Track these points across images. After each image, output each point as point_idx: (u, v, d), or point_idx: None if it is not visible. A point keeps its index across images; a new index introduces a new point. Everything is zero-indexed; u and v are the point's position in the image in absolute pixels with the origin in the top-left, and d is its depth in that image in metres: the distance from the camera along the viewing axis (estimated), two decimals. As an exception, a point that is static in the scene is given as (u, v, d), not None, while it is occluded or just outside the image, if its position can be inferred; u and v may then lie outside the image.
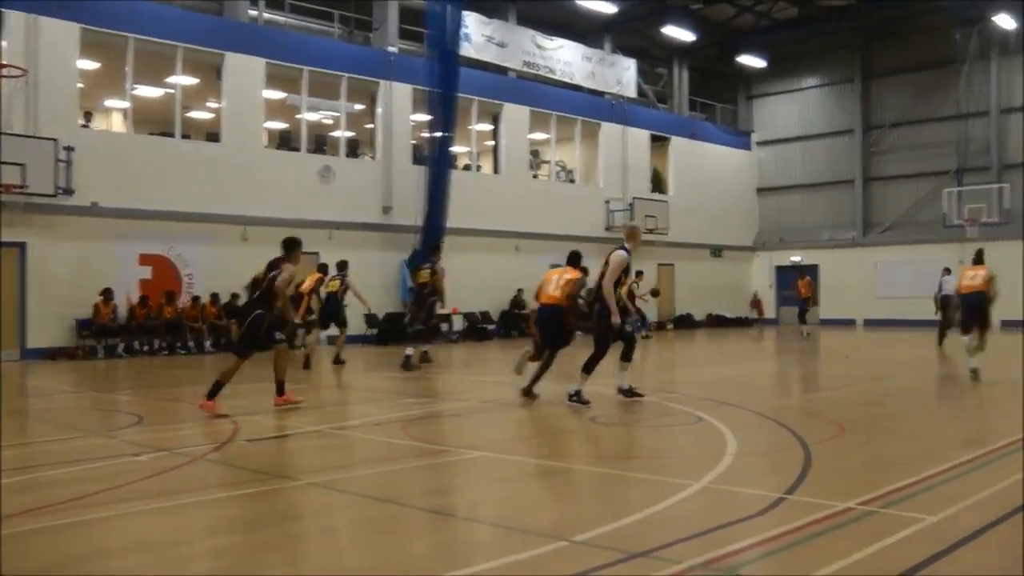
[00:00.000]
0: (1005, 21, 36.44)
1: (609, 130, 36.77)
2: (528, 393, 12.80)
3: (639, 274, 30.44)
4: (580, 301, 13.06)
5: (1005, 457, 8.45)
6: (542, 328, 12.79)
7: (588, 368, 12.23)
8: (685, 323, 38.98)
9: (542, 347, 12.83)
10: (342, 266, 19.90)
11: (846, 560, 5.21)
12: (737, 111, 45.17)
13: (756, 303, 42.79)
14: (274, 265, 12.10)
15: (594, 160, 36.66)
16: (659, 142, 39.59)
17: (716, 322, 40.07)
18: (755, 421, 10.97)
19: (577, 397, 12.09)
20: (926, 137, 40.01)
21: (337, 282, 19.38)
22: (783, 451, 8.82)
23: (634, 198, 36.28)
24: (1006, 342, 25.13)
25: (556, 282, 12.76)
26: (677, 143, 40.19)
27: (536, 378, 12.78)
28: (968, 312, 16.37)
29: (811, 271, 40.91)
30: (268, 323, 11.89)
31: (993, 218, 35.85)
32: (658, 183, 39.86)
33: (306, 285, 19.23)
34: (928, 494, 6.96)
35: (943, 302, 25.75)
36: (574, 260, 13.32)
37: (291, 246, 12.37)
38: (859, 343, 28.18)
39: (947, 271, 27.52)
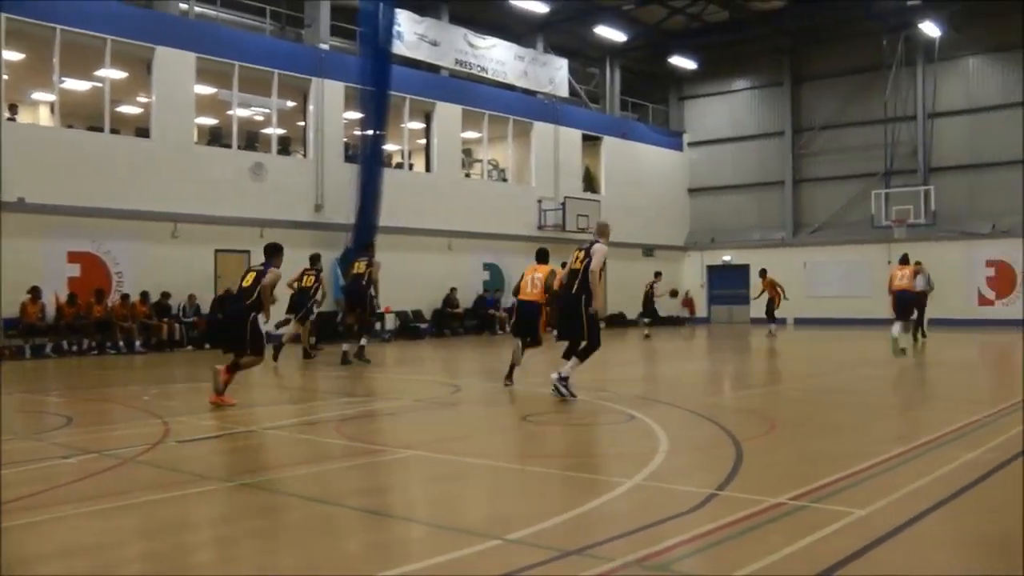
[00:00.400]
0: (930, 28, 36.97)
1: (541, 129, 36.70)
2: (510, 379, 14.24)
3: (658, 275, 31.67)
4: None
5: (933, 451, 8.56)
6: (521, 320, 14.29)
7: (583, 356, 12.60)
8: (617, 321, 38.89)
9: (531, 339, 14.15)
10: (315, 259, 20.20)
11: (777, 554, 5.24)
12: (669, 112, 45.31)
13: (688, 302, 42.76)
14: (261, 272, 12.54)
15: (526, 159, 36.56)
16: (591, 142, 39.58)
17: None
18: (687, 419, 10.97)
19: (565, 385, 12.38)
20: (855, 140, 40.50)
21: (312, 277, 19.71)
22: (715, 448, 8.81)
23: (566, 197, 36.18)
24: (939, 340, 25.64)
25: (532, 280, 14.19)
26: (609, 143, 40.23)
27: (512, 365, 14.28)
28: (899, 307, 20.08)
29: (742, 271, 41.36)
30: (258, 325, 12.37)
31: (920, 219, 36.43)
32: (590, 183, 39.82)
33: (306, 282, 19.73)
34: (857, 488, 7.01)
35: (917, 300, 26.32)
36: (543, 257, 14.89)
37: (274, 251, 12.89)
38: (792, 342, 28.44)
39: (916, 264, 27.67)
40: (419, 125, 33.59)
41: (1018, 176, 36.51)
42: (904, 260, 21.83)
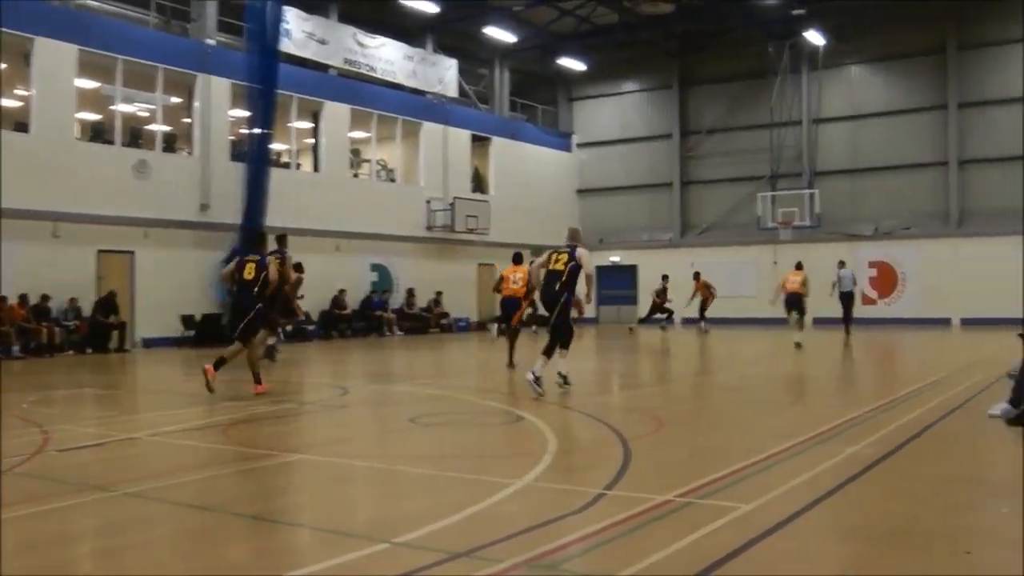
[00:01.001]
0: (815, 37, 37.74)
1: (430, 129, 36.56)
2: (511, 364, 16.92)
3: (665, 278, 32.04)
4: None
5: (816, 446, 8.72)
6: (505, 311, 17.35)
7: (564, 345, 13.48)
8: (505, 322, 38.41)
9: (507, 326, 16.98)
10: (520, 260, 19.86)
11: (664, 551, 5.30)
12: (558, 113, 45.29)
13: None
14: (261, 263, 13.27)
15: (415, 159, 36.40)
16: (480, 142, 39.44)
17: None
18: (575, 419, 11.03)
19: (539, 382, 12.90)
20: (742, 143, 40.96)
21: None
22: (603, 447, 8.85)
23: (455, 198, 36.14)
24: (826, 338, 26.37)
25: (513, 279, 17.46)
26: (498, 143, 40.16)
27: (511, 351, 17.11)
28: (790, 305, 23.43)
29: (630, 272, 41.73)
30: (264, 317, 13.43)
31: (805, 221, 37.20)
32: (479, 183, 39.71)
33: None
34: (743, 484, 7.13)
35: (845, 299, 28.11)
36: (519, 259, 18.28)
37: (263, 239, 13.94)
38: (680, 341, 28.62)
39: (842, 264, 29.19)
40: (307, 124, 33.24)
41: (898, 181, 37.52)
42: (799, 266, 24.42)
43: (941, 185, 37.48)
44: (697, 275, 32.01)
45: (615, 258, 42.87)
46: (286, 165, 32.62)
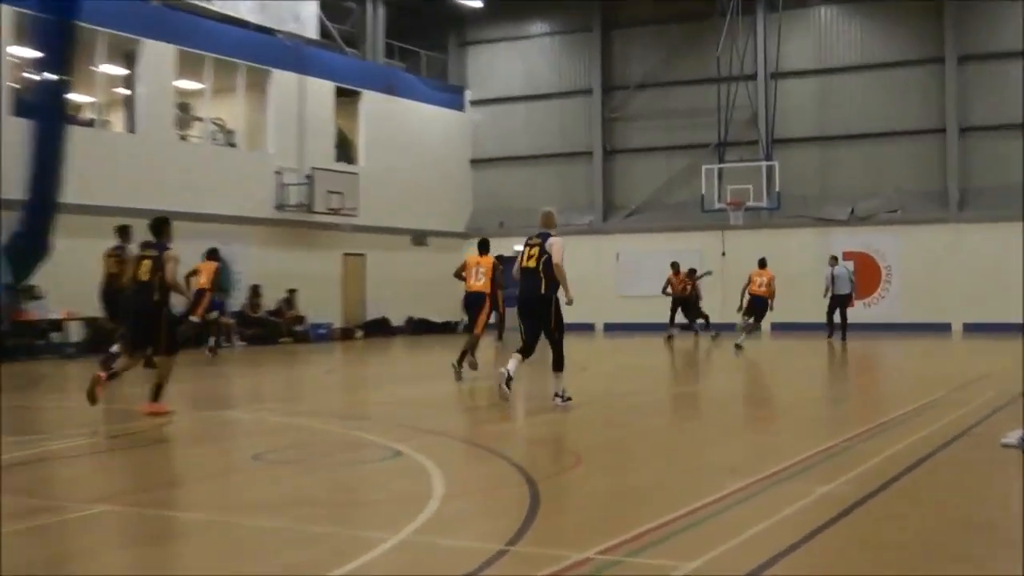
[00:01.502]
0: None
1: (282, 80, 36.49)
2: (459, 366, 18.84)
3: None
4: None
5: (779, 484, 8.91)
6: (468, 311, 19.16)
7: (559, 365, 14.83)
8: (379, 329, 38.91)
9: (469, 327, 18.64)
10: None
11: (583, 626, 5.21)
12: (447, 61, 45.47)
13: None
14: (158, 257, 14.16)
15: (262, 118, 36.33)
16: (347, 97, 39.44)
17: (419, 328, 40.24)
18: (468, 453, 11.30)
19: (563, 396, 14.53)
20: (681, 103, 41.50)
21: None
22: (504, 489, 9.00)
23: (314, 168, 36.09)
24: (786, 347, 27.46)
25: (476, 273, 18.90)
26: (370, 99, 40.23)
27: (463, 354, 18.65)
28: (753, 309, 26.30)
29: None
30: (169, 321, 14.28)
31: (761, 202, 37.47)
32: (346, 150, 39.87)
33: (204, 279, 21.57)
34: (685, 536, 7.19)
35: (841, 302, 29.87)
36: (484, 248, 19.68)
37: (163, 225, 14.78)
38: (607, 352, 29.08)
39: (834, 260, 30.73)
40: (119, 70, 32.80)
41: (880, 152, 38.40)
42: (763, 264, 26.96)
43: (937, 158, 38.12)
44: (674, 265, 32.80)
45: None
46: (89, 123, 32.10)
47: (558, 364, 14.80)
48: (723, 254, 38.60)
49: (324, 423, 13.49)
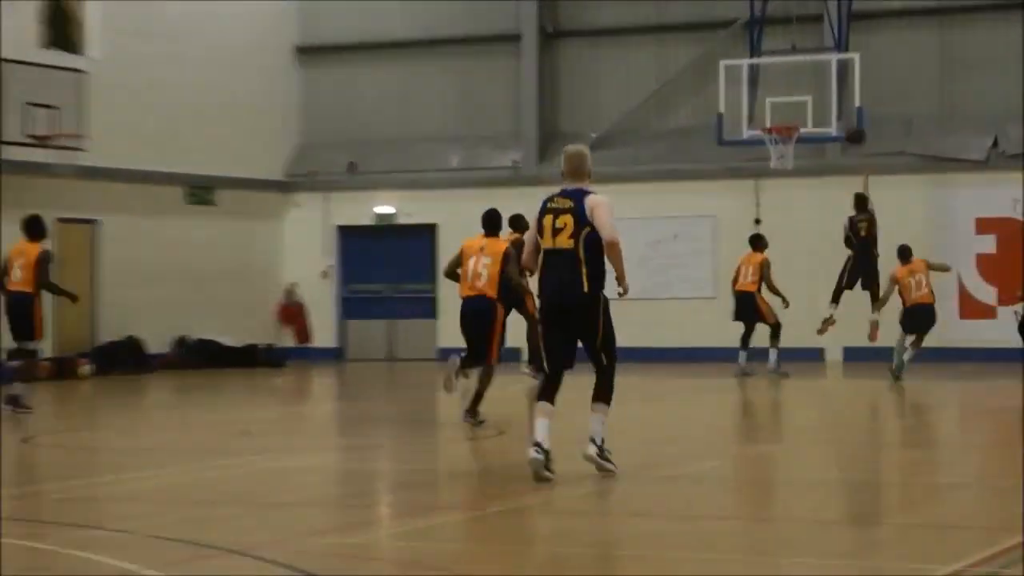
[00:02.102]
0: None
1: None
2: (472, 415, 19.45)
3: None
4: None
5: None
6: (469, 329, 19.40)
7: (604, 395, 14.88)
8: (124, 359, 36.34)
9: (474, 355, 19.31)
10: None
11: None
12: None
13: (290, 312, 40.02)
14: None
15: None
16: None
17: (198, 356, 37.79)
18: (337, 551, 10.96)
19: (602, 452, 14.53)
20: (643, 54, 40.65)
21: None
22: None
23: (6, 61, 33.16)
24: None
25: (476, 269, 19.46)
26: None
27: (477, 397, 19.41)
28: (740, 312, 30.63)
29: (422, 239, 40.29)
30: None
31: (828, 127, 35.34)
32: (62, 29, 36.55)
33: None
34: None
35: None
36: (493, 224, 20.15)
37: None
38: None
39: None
40: None
41: None
42: (757, 242, 29.82)
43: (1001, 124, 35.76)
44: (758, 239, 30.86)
45: (385, 208, 40.55)
46: None
47: (603, 393, 14.65)
48: (757, 221, 35.95)
49: (22, 535, 12.02)
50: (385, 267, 40.76)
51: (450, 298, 32.36)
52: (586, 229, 13.90)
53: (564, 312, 14.28)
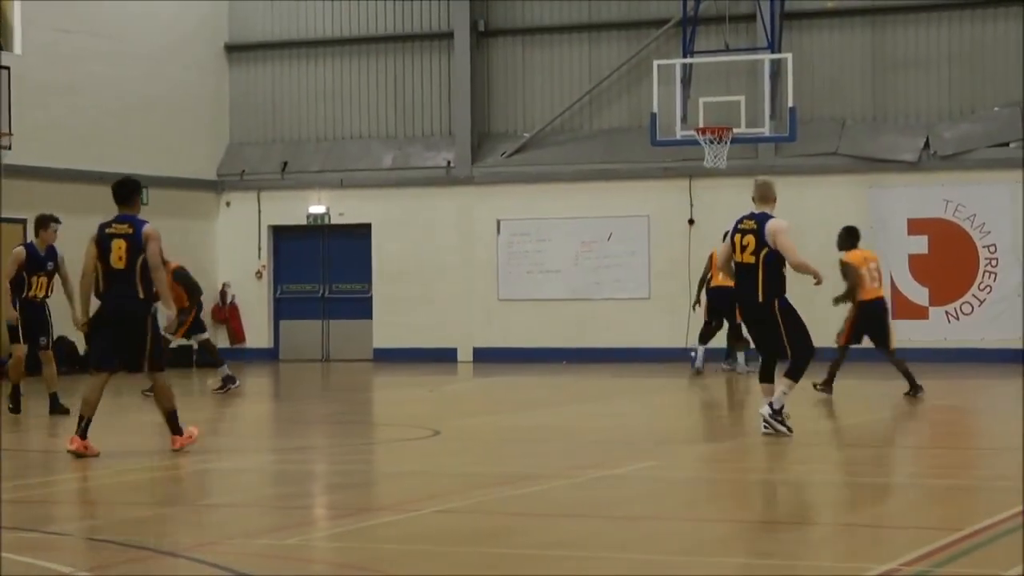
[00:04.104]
0: None
1: None
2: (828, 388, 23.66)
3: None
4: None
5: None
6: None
7: (794, 373, 17.80)
8: (61, 362, 34.13)
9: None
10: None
11: None
12: None
13: (227, 314, 40.39)
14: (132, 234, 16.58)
15: None
16: None
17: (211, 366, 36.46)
18: (275, 552, 11.05)
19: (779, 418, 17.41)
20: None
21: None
22: None
23: None
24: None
25: (872, 272, 24.22)
26: None
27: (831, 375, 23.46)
28: (713, 310, 30.77)
29: (361, 240, 39.89)
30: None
31: (761, 128, 35.12)
32: None
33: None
34: None
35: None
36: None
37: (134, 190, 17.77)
38: (463, 399, 29.02)
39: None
40: None
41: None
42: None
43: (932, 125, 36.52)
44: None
45: (317, 208, 40.51)
46: None
47: (793, 371, 17.42)
48: (691, 222, 36.43)
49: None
50: (319, 267, 40.68)
51: (384, 300, 36.72)
52: (765, 249, 16.97)
53: (747, 312, 18.34)
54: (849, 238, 25.25)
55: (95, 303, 18.11)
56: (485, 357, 38.01)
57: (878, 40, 37.04)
